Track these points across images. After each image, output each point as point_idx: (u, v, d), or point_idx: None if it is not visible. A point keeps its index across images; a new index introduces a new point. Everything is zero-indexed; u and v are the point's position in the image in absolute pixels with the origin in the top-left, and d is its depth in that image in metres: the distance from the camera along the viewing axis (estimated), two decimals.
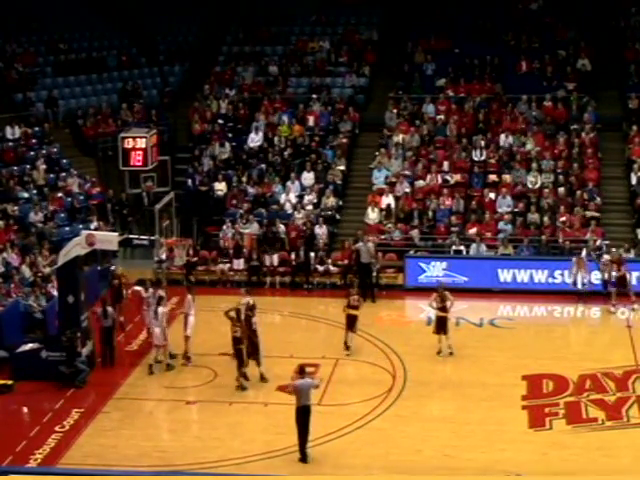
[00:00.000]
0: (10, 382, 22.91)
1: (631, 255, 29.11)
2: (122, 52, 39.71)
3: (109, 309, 24.62)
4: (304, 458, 19.46)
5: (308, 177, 33.52)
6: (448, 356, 24.42)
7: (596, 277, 28.44)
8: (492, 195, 32.24)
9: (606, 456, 19.64)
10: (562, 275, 29.04)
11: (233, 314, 23.02)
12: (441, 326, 24.49)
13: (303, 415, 19.46)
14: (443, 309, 24.46)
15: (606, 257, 28.21)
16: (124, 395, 22.70)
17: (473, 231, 30.87)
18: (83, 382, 23.03)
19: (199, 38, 41.03)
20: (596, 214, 31.06)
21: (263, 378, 23.05)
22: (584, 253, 28.56)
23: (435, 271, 29.46)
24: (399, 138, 34.50)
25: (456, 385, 22.95)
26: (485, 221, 31.31)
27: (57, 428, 20.94)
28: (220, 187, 33.42)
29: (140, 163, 31.29)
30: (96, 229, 29.85)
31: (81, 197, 33.20)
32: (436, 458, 19.67)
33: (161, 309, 23.99)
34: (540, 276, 29.21)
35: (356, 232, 30.23)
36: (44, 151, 34.38)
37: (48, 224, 31.18)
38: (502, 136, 34.13)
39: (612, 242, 30.03)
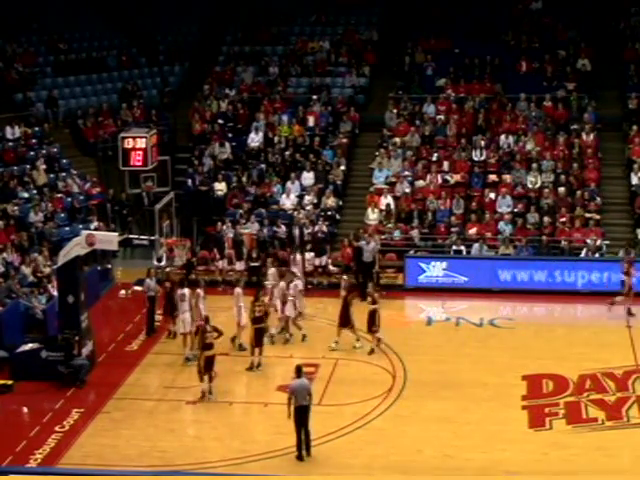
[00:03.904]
0: (10, 382, 22.90)
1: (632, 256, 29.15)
2: (122, 52, 39.71)
3: (147, 280, 25.73)
4: (300, 456, 19.54)
5: (308, 177, 33.53)
6: None
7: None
8: (492, 195, 32.24)
9: (606, 456, 19.64)
10: (562, 275, 29.09)
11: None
12: None
13: (300, 415, 19.50)
14: None
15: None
16: (124, 395, 22.68)
17: (473, 231, 30.90)
18: (83, 382, 23.03)
19: (199, 38, 41.02)
20: (596, 215, 31.07)
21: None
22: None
23: (435, 271, 29.48)
24: (399, 138, 34.53)
25: (456, 385, 22.93)
26: (485, 221, 31.31)
27: (57, 428, 20.93)
28: (220, 187, 33.43)
29: (140, 163, 31.26)
30: (96, 229, 29.85)
31: (81, 197, 33.21)
32: (436, 458, 19.67)
33: (237, 289, 24.75)
34: (540, 276, 29.22)
35: (358, 230, 30.13)
36: (44, 151, 34.37)
37: (48, 224, 31.17)
38: (502, 136, 34.14)
39: (612, 242, 30.07)
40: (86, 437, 20.62)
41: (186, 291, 24.78)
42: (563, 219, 30.78)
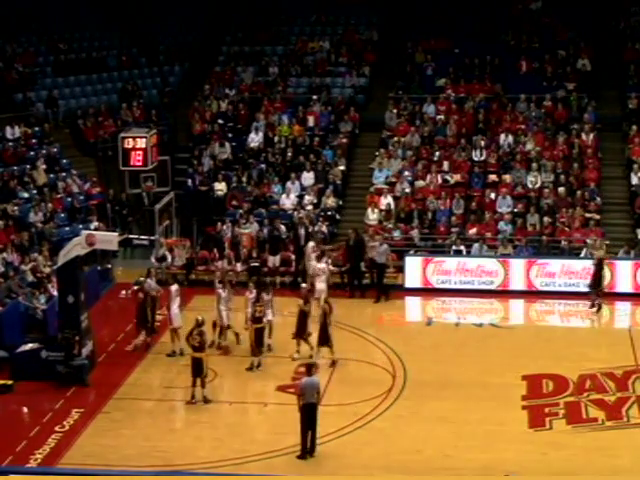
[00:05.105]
0: (10, 382, 22.89)
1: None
2: (122, 52, 39.77)
3: (148, 280, 25.40)
4: (303, 455, 19.52)
5: (308, 177, 33.53)
6: None
7: None
8: (492, 195, 32.24)
9: (606, 456, 19.63)
10: (562, 275, 29.05)
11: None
12: None
13: (307, 413, 19.48)
14: None
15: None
16: (124, 395, 22.68)
17: (473, 231, 30.90)
18: (85, 382, 23.04)
19: (199, 38, 41.05)
20: (596, 215, 31.05)
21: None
22: (311, 244, 28.64)
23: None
24: (399, 138, 34.53)
25: (456, 385, 22.92)
26: (485, 221, 31.31)
27: (57, 428, 20.92)
28: (220, 187, 33.43)
29: (140, 163, 31.25)
30: (96, 229, 29.85)
31: (81, 197, 33.23)
32: (436, 458, 19.66)
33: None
34: (540, 276, 29.14)
35: (369, 231, 30.11)
36: (44, 151, 34.39)
37: (48, 224, 31.18)
38: (502, 136, 34.15)
39: (612, 242, 30.06)
40: (86, 437, 20.61)
41: (177, 286, 25.07)
42: (563, 219, 30.78)
